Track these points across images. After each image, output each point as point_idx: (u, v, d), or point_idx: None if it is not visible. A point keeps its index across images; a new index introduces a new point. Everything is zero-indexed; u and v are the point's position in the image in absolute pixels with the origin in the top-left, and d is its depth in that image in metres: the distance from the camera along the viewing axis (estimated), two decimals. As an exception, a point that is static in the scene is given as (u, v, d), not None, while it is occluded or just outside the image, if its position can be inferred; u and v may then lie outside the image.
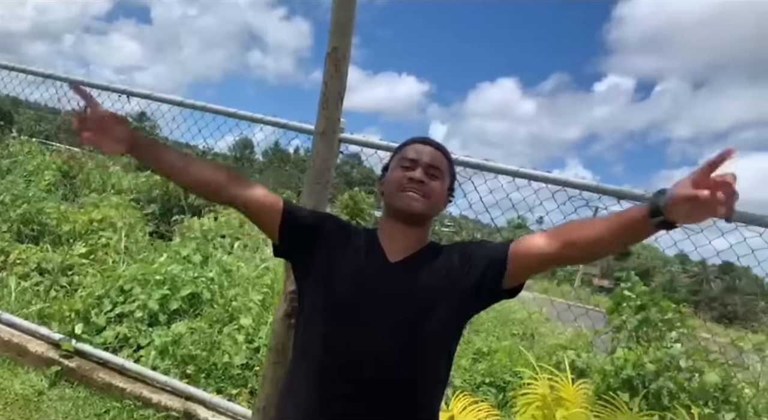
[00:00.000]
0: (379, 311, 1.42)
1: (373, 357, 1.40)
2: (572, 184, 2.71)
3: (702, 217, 1.13)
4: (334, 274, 1.48)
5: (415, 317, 1.42)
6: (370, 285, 1.46)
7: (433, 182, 1.53)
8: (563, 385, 2.45)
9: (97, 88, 3.96)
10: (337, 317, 1.44)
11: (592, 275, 47.11)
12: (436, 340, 1.45)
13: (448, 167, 1.60)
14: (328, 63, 2.04)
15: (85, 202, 7.37)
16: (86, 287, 4.54)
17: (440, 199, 1.56)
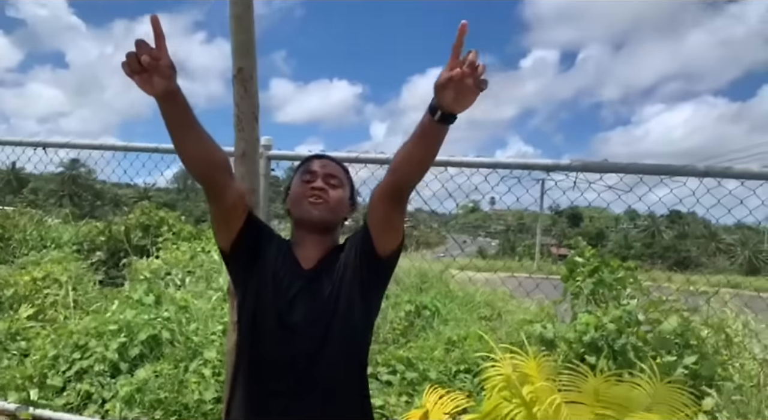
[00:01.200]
0: (296, 314, 1.54)
1: (296, 357, 1.53)
2: (502, 164, 2.77)
3: (466, 96, 1.26)
4: (264, 281, 1.58)
5: (326, 315, 1.54)
6: (287, 292, 1.56)
7: (332, 190, 1.65)
8: (526, 361, 2.49)
9: (11, 145, 3.81)
10: (264, 322, 1.56)
11: (549, 245, 48.22)
12: (349, 330, 1.56)
13: (347, 178, 1.74)
14: (236, 84, 2.02)
15: (24, 261, 7.09)
16: (38, 349, 4.37)
17: (341, 206, 1.68)
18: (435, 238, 43.08)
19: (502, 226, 67.06)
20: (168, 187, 52.72)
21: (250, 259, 1.61)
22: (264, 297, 1.57)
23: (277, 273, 1.59)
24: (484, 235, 67.85)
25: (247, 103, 2.02)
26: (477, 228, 70.22)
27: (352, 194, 1.76)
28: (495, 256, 40.65)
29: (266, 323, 1.56)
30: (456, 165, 2.83)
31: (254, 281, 1.59)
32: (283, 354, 1.53)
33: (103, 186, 50.46)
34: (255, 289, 1.59)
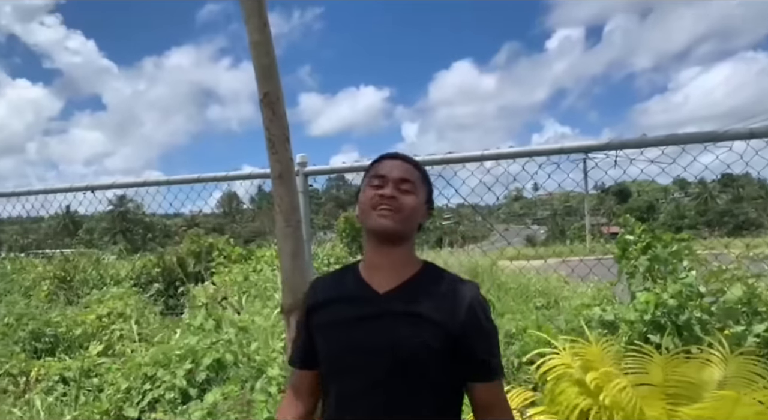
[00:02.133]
0: (367, 342, 1.45)
1: (374, 389, 1.45)
2: (539, 152, 2.74)
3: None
4: (327, 322, 1.53)
5: (394, 345, 1.43)
6: (363, 321, 1.47)
7: (404, 197, 1.48)
8: (587, 348, 2.45)
9: (62, 192, 3.98)
10: (337, 355, 1.51)
11: (600, 225, 47.15)
12: (427, 372, 1.44)
13: (422, 179, 1.55)
14: (264, 108, 2.06)
15: (88, 300, 7.38)
16: (111, 384, 4.53)
17: (415, 214, 1.50)
18: (481, 232, 42.68)
19: (549, 211, 65.96)
20: (214, 212, 53.84)
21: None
22: (333, 331, 1.52)
23: (351, 313, 1.49)
24: (531, 222, 66.87)
25: (277, 125, 2.05)
26: (523, 216, 69.30)
27: (429, 196, 1.58)
28: (545, 243, 39.93)
29: (335, 350, 1.51)
30: (491, 158, 2.81)
31: (322, 344, 1.55)
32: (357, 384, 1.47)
33: (152, 218, 51.89)
34: (321, 328, 1.55)
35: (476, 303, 1.47)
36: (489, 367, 1.47)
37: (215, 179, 3.33)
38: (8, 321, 6.21)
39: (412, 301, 1.46)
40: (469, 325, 1.43)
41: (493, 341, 1.49)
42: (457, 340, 1.43)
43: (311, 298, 1.61)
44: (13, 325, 6.13)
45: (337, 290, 1.55)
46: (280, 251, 2.10)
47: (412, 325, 1.43)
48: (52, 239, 36.97)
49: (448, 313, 1.43)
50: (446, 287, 1.49)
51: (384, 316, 1.45)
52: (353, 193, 12.19)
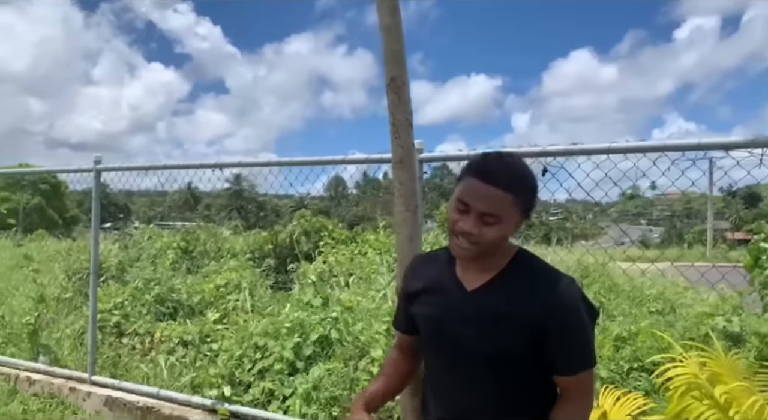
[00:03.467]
0: (459, 343, 1.53)
1: (459, 387, 1.56)
2: (671, 147, 2.56)
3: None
4: (424, 315, 1.64)
5: (484, 344, 1.50)
6: (450, 319, 1.55)
7: (486, 229, 1.43)
8: (715, 358, 2.28)
9: (193, 168, 4.26)
10: (431, 354, 1.66)
11: (723, 230, 43.67)
12: (512, 368, 1.50)
13: (513, 203, 1.44)
14: (389, 93, 2.08)
15: (207, 271, 7.88)
16: (225, 350, 4.81)
17: (497, 241, 1.46)
18: (591, 230, 40.91)
19: (667, 213, 61.97)
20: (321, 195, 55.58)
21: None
22: (428, 327, 1.63)
23: (440, 300, 1.60)
24: (645, 222, 63.20)
25: (401, 110, 2.07)
26: (637, 216, 65.62)
27: (525, 210, 1.49)
28: (659, 245, 37.62)
29: (428, 341, 1.65)
30: (619, 151, 2.66)
31: (420, 319, 1.66)
32: (445, 381, 1.61)
33: (265, 198, 54.38)
34: (421, 324, 1.66)
35: (563, 298, 1.46)
36: (573, 363, 1.48)
37: (333, 162, 3.42)
38: (138, 285, 6.77)
39: (499, 300, 1.49)
40: (554, 322, 1.44)
41: (580, 337, 1.48)
42: (540, 337, 1.45)
43: (410, 277, 1.73)
44: (142, 289, 6.67)
45: (432, 279, 1.63)
46: (397, 235, 2.12)
47: (496, 327, 1.48)
48: (175, 213, 39.88)
49: (533, 310, 1.45)
50: (534, 282, 1.49)
51: (470, 317, 1.51)
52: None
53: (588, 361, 1.50)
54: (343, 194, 54.79)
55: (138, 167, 4.64)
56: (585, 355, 1.49)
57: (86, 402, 4.55)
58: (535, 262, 1.55)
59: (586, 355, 1.50)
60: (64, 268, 8.44)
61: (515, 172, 1.47)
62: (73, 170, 5.01)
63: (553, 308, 1.44)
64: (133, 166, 4.64)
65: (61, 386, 4.75)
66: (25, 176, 29.01)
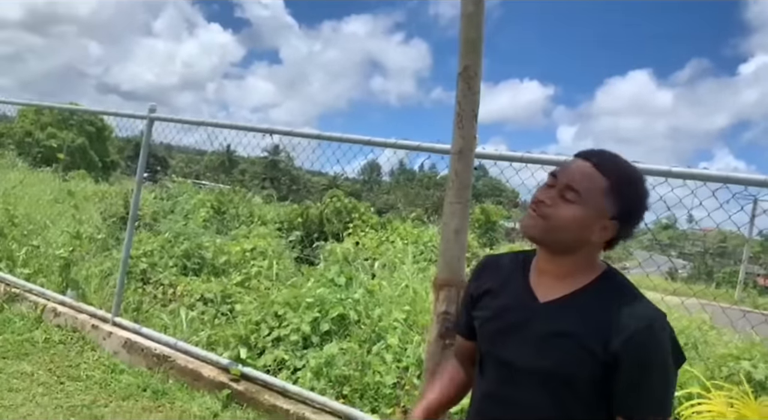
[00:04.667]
0: (518, 357, 1.40)
1: (508, 407, 1.42)
2: (734, 179, 2.49)
3: None
4: (486, 318, 1.50)
5: (546, 363, 1.35)
6: (513, 329, 1.42)
7: (561, 206, 1.32)
8: (744, 401, 2.22)
9: (244, 130, 4.30)
10: (485, 365, 1.50)
11: (755, 275, 42.52)
12: (571, 395, 1.35)
13: (603, 189, 1.32)
14: (460, 82, 2.06)
15: (236, 234, 7.98)
16: (245, 314, 4.87)
17: (569, 225, 1.33)
18: (618, 253, 40.21)
19: (699, 248, 60.58)
20: (354, 178, 55.70)
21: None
22: (486, 328, 1.50)
23: (509, 309, 1.45)
24: (676, 255, 61.93)
25: (470, 101, 2.05)
26: (669, 247, 64.32)
27: (621, 214, 1.35)
28: (686, 281, 36.80)
29: (486, 347, 1.50)
30: (678, 176, 2.60)
31: (480, 327, 1.53)
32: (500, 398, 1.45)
33: (299, 172, 54.71)
34: (480, 331, 1.53)
35: (642, 334, 1.28)
36: (640, 406, 1.30)
37: (384, 144, 3.41)
38: (168, 237, 6.89)
39: (571, 318, 1.34)
40: (625, 358, 1.28)
41: (658, 379, 1.30)
42: (611, 367, 1.29)
43: (477, 278, 1.59)
44: (172, 242, 6.79)
45: (501, 282, 1.50)
46: (444, 225, 2.11)
47: (562, 347, 1.33)
48: (210, 173, 40.45)
49: (606, 338, 1.29)
50: (617, 307, 1.31)
51: (537, 331, 1.37)
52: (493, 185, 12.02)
53: (661, 409, 1.32)
54: (377, 181, 54.85)
55: (190, 121, 4.70)
56: (658, 402, 1.32)
57: (106, 341, 4.67)
58: (625, 285, 1.39)
59: (659, 402, 1.32)
60: (99, 209, 8.64)
61: (621, 164, 1.38)
62: (127, 115, 5.10)
63: (631, 344, 1.27)
64: (185, 120, 4.70)
65: (84, 322, 4.88)
66: (76, 114, 29.51)
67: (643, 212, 1.40)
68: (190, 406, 3.82)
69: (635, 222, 1.39)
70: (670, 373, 1.32)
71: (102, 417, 3.61)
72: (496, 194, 49.88)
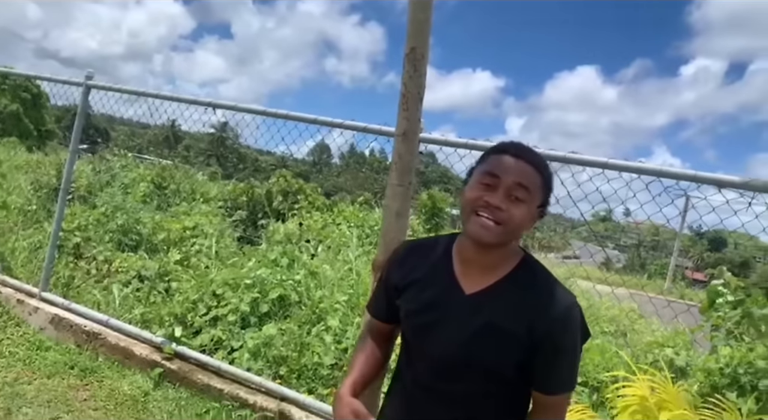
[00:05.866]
0: (449, 350, 1.45)
1: (440, 399, 1.48)
2: (668, 173, 2.59)
3: None
4: (412, 311, 1.52)
5: (474, 353, 1.42)
6: (442, 322, 1.46)
7: (514, 207, 1.35)
8: (663, 385, 2.33)
9: (186, 102, 4.16)
10: (412, 358, 1.54)
11: (684, 268, 44.69)
12: (501, 382, 1.45)
13: (541, 185, 1.40)
14: (406, 63, 2.04)
15: (176, 211, 7.77)
16: (182, 292, 4.77)
17: (522, 224, 1.39)
18: (558, 243, 41.40)
19: (634, 241, 63.11)
20: (304, 159, 55.06)
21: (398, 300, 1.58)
22: (414, 321, 1.52)
23: (432, 297, 1.49)
24: (612, 246, 64.30)
25: (415, 83, 2.03)
26: (606, 239, 66.69)
27: (544, 200, 1.44)
28: (622, 271, 38.30)
29: (413, 338, 1.55)
30: (615, 168, 2.67)
31: (403, 310, 1.55)
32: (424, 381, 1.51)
33: (246, 150, 53.68)
34: (404, 316, 1.55)
35: (560, 317, 1.39)
36: (553, 383, 1.44)
37: (332, 124, 3.37)
38: (105, 211, 6.63)
39: (496, 309, 1.41)
40: (547, 342, 1.38)
41: (570, 358, 1.44)
42: (530, 353, 1.39)
43: (398, 265, 1.60)
44: (108, 216, 6.55)
45: (425, 273, 1.52)
46: (386, 208, 2.10)
47: (489, 338, 1.41)
48: (153, 148, 39.17)
49: (528, 325, 1.38)
50: (535, 295, 1.41)
51: (464, 324, 1.43)
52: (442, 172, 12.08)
53: (571, 383, 1.46)
54: (326, 162, 54.47)
55: (129, 90, 4.50)
56: (570, 377, 1.46)
57: (32, 317, 4.47)
58: (541, 272, 1.47)
59: (570, 377, 1.46)
60: (31, 180, 8.24)
61: (541, 157, 1.45)
62: (62, 81, 4.84)
63: (552, 331, 1.38)
64: (124, 89, 4.50)
65: (9, 296, 4.66)
66: (9, 78, 27.95)
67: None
68: (120, 384, 3.71)
69: (545, 212, 1.47)
70: (578, 350, 1.45)
71: (24, 395, 3.46)
72: (444, 181, 50.35)
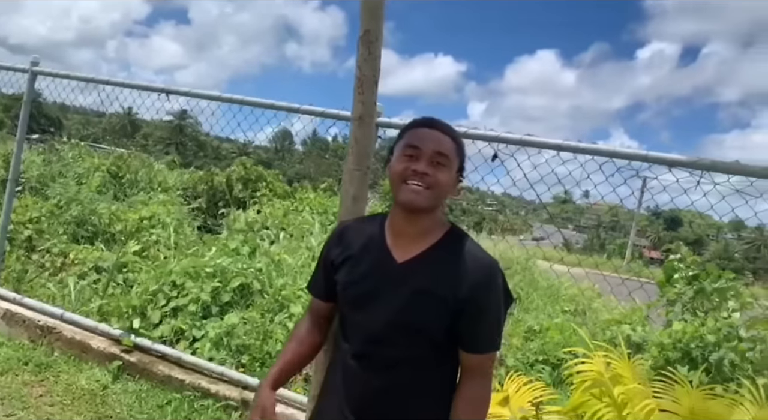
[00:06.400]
0: (382, 316, 1.52)
1: (372, 367, 1.55)
2: (620, 154, 2.64)
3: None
4: (349, 283, 1.59)
5: (408, 318, 1.50)
6: (376, 290, 1.54)
7: (438, 172, 1.48)
8: (619, 360, 2.39)
9: (138, 89, 4.04)
10: (348, 328, 1.61)
11: (642, 247, 46.00)
12: (432, 346, 1.53)
13: (456, 151, 1.54)
14: (360, 46, 2.01)
15: (134, 201, 7.60)
16: (141, 283, 4.67)
17: (447, 188, 1.52)
18: (520, 225, 42.11)
19: (593, 222, 64.60)
20: (266, 146, 54.24)
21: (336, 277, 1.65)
22: (351, 293, 1.59)
23: (367, 269, 1.57)
24: (572, 228, 65.71)
25: (370, 66, 2.01)
26: (566, 220, 68.03)
27: (461, 166, 1.57)
28: (582, 251, 39.27)
29: (349, 310, 1.61)
30: (569, 150, 2.71)
31: (341, 286, 1.62)
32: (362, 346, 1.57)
33: (206, 138, 52.70)
34: (342, 290, 1.62)
35: (483, 280, 1.50)
36: (479, 342, 1.53)
37: (289, 109, 3.32)
38: (58, 202, 6.44)
39: (426, 275, 1.51)
40: (472, 303, 1.48)
41: (493, 319, 1.53)
42: (456, 315, 1.48)
43: (336, 243, 1.67)
44: (62, 208, 6.36)
45: (360, 247, 1.61)
46: (343, 192, 2.09)
47: (420, 303, 1.49)
48: (110, 136, 38.09)
49: (454, 289, 1.48)
50: (461, 260, 1.51)
51: (397, 291, 1.51)
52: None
53: (495, 343, 1.55)
54: (288, 149, 53.94)
55: (78, 77, 4.34)
56: (494, 337, 1.55)
57: (-18, 313, 4.32)
58: (466, 240, 1.57)
59: (495, 337, 1.55)
60: (-23, 171, 7.92)
61: (451, 127, 1.57)
62: (6, 67, 4.65)
63: (477, 291, 1.48)
64: (72, 75, 4.34)
65: (-44, 292, 4.49)
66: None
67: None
68: (77, 379, 3.63)
69: (463, 176, 1.59)
70: (501, 311, 1.55)
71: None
72: (407, 166, 50.15)
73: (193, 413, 3.42)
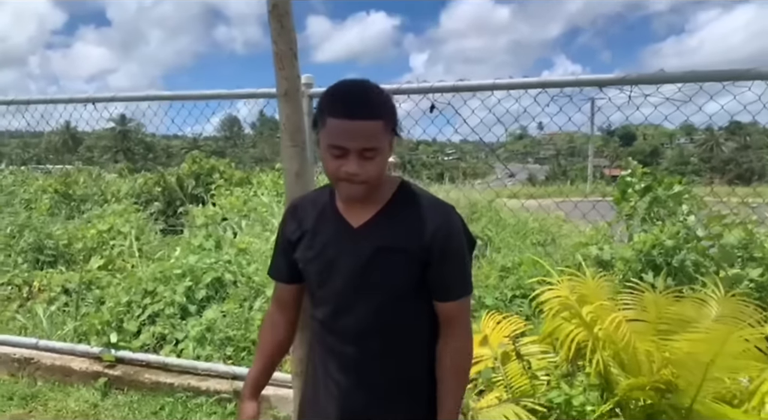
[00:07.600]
0: (349, 284, 1.51)
1: (348, 337, 1.55)
2: (552, 83, 2.67)
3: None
4: (310, 258, 1.58)
5: (374, 279, 1.50)
6: (338, 259, 1.53)
7: (369, 165, 1.40)
8: (583, 282, 2.48)
9: (62, 103, 3.90)
10: (318, 288, 1.59)
11: (602, 167, 47.00)
12: (404, 304, 1.53)
13: (384, 126, 1.40)
14: (272, 21, 1.98)
15: (89, 216, 7.41)
16: (112, 297, 4.61)
17: (382, 168, 1.45)
18: (483, 169, 42.55)
19: (552, 151, 65.65)
20: (216, 136, 53.25)
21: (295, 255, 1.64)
22: (314, 266, 1.57)
23: (325, 241, 1.55)
24: (533, 161, 66.64)
25: (285, 40, 1.98)
26: (526, 155, 68.92)
27: (394, 130, 1.46)
28: (545, 183, 39.95)
29: (315, 285, 1.60)
30: (503, 87, 2.74)
31: (302, 261, 1.60)
32: (334, 316, 1.57)
33: (153, 139, 51.48)
34: (304, 266, 1.60)
35: (447, 227, 1.50)
36: (450, 289, 1.53)
37: (218, 96, 3.26)
38: (11, 231, 6.25)
39: (386, 233, 1.50)
40: (435, 250, 1.48)
41: (458, 263, 1.53)
42: (424, 266, 1.49)
43: (289, 221, 1.65)
44: (16, 236, 6.18)
45: (314, 220, 1.59)
46: (285, 171, 2.08)
47: (385, 261, 1.49)
48: (53, 155, 36.86)
49: (417, 241, 1.48)
50: (419, 213, 1.51)
51: (359, 254, 1.50)
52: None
53: (467, 287, 1.56)
54: (239, 134, 53.03)
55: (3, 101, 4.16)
56: (464, 281, 1.55)
57: (-46, 358, 4.23)
58: (418, 192, 1.56)
59: (465, 282, 1.56)
60: None
61: (372, 97, 1.42)
62: None
63: (437, 238, 1.47)
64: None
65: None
66: None
67: (396, 111, 1.50)
68: (66, 403, 3.60)
69: (398, 135, 1.50)
70: (467, 257, 1.56)
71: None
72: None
73: (189, 413, 3.45)
